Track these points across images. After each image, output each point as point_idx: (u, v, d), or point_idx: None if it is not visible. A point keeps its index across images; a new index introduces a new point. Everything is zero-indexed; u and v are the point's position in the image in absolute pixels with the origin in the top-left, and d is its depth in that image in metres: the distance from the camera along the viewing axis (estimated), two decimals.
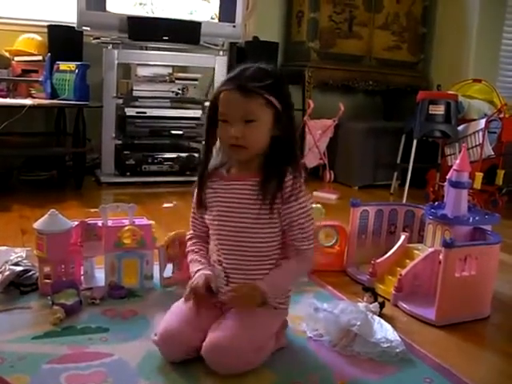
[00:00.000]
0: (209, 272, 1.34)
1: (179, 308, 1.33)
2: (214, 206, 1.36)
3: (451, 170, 1.83)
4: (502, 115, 3.37)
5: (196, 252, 1.42)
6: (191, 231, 1.46)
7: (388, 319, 1.55)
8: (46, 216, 1.62)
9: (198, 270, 1.35)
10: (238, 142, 1.26)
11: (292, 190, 1.29)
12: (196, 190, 1.39)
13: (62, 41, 3.28)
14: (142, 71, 3.44)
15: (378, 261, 1.88)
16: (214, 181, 1.36)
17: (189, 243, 1.45)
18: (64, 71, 3.10)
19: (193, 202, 1.42)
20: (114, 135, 3.34)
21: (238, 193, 1.32)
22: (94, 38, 3.40)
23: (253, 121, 1.25)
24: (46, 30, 3.31)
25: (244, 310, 1.29)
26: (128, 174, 3.35)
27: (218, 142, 1.34)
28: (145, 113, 3.38)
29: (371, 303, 1.61)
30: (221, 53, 3.61)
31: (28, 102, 2.95)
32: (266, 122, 1.27)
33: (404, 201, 3.17)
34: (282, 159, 1.30)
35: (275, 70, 1.33)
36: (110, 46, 3.31)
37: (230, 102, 1.26)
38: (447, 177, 1.85)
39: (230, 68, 3.59)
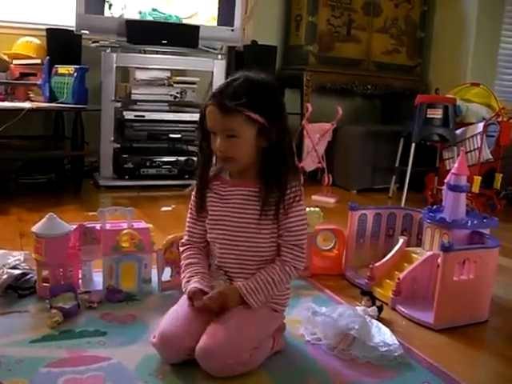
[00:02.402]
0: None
1: (176, 311, 1.33)
2: (215, 211, 1.36)
3: (449, 174, 1.83)
4: (499, 119, 3.37)
5: (194, 263, 1.38)
6: (186, 237, 1.43)
7: (386, 323, 1.55)
8: (45, 219, 1.62)
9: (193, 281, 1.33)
10: (223, 154, 1.28)
11: (293, 200, 1.30)
12: (196, 193, 1.39)
13: (61, 44, 3.27)
14: (141, 75, 3.44)
15: (377, 264, 1.88)
16: (216, 184, 1.37)
17: (184, 254, 1.41)
18: (62, 74, 3.10)
19: (191, 205, 1.41)
20: (112, 139, 3.34)
21: (240, 198, 1.33)
22: (93, 42, 3.40)
23: (234, 136, 1.26)
24: (44, 33, 3.31)
25: (231, 310, 1.28)
26: (126, 177, 3.35)
27: None
28: (143, 116, 3.38)
29: (369, 307, 1.61)
30: (219, 56, 3.61)
31: (26, 105, 2.95)
32: (249, 137, 1.27)
33: (402, 204, 3.17)
34: (276, 169, 1.29)
35: (263, 81, 1.29)
36: (108, 50, 3.31)
37: (212, 118, 1.27)
38: (445, 180, 1.85)
39: (228, 72, 3.59)
